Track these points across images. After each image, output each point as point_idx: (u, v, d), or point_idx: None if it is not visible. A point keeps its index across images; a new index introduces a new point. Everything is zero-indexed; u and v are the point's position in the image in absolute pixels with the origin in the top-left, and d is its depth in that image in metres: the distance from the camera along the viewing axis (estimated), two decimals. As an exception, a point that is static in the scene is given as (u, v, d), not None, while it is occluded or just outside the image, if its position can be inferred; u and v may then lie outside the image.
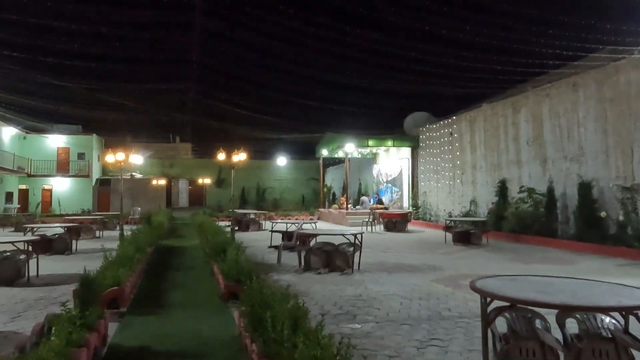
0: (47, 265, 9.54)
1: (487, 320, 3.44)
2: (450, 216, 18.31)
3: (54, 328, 4.01)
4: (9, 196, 30.76)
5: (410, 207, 22.23)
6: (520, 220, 13.91)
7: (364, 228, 18.21)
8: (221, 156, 12.55)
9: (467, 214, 17.35)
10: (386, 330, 5.02)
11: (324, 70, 20.07)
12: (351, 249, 8.93)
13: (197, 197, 39.44)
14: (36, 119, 29.67)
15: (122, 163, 11.59)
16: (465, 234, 13.46)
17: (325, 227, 18.60)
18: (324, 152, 25.76)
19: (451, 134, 19.41)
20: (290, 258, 10.17)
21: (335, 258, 8.76)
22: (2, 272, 7.58)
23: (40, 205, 32.37)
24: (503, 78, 16.13)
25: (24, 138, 33.60)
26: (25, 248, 7.95)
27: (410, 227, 18.97)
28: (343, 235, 8.95)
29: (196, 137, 40.37)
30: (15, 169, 30.31)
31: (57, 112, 27.84)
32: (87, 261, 10.04)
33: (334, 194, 35.11)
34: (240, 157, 12.52)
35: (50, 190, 33.77)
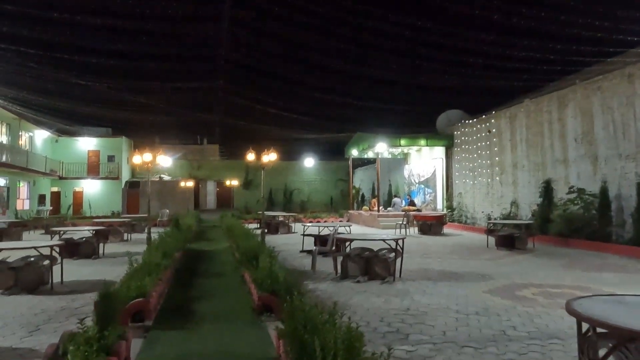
0: (73, 270, 9.18)
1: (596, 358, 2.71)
2: (490, 218, 17.37)
3: (69, 351, 3.49)
4: (41, 198, 31.17)
5: (445, 209, 21.32)
6: (569, 223, 12.93)
7: (397, 231, 17.49)
8: (251, 156, 12.02)
9: (507, 216, 16.38)
10: (447, 354, 4.33)
11: (356, 63, 19.13)
12: (392, 255, 8.24)
13: (224, 198, 39.26)
14: (67, 121, 29.96)
15: (150, 164, 11.20)
16: (510, 237, 12.57)
17: (357, 230, 17.88)
18: (354, 153, 25.06)
19: (489, 131, 18.45)
20: (325, 264, 9.54)
21: (374, 265, 8.08)
22: (24, 279, 7.20)
23: (71, 207, 32.72)
24: (548, 69, 15.04)
25: (56, 141, 34.07)
26: (50, 253, 7.55)
27: (445, 229, 18.09)
28: (384, 240, 8.25)
29: (223, 138, 40.23)
30: (47, 171, 30.70)
31: (87, 115, 28.00)
32: (113, 266, 9.69)
33: (362, 196, 34.37)
34: (270, 157, 11.98)
35: (81, 193, 34.14)
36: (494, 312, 5.78)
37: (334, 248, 8.84)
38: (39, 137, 31.71)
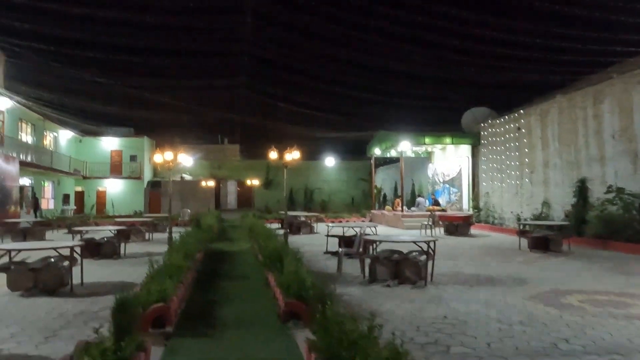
0: (94, 271, 8.99)
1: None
2: (519, 219, 16.73)
3: (83, 363, 3.20)
4: (65, 198, 31.54)
5: (471, 209, 20.69)
6: (608, 224, 12.27)
7: (422, 231, 16.99)
8: (273, 155, 11.71)
9: (539, 217, 15.72)
10: (496, 371, 3.90)
11: (379, 55, 18.43)
12: (423, 257, 7.80)
13: (245, 198, 39.18)
14: (91, 121, 30.24)
15: (171, 163, 10.99)
16: (544, 239, 11.97)
17: (382, 230, 17.42)
18: (376, 151, 24.58)
19: (518, 129, 17.78)
20: (350, 265, 9.16)
21: (405, 268, 7.66)
22: (44, 280, 7.01)
23: (94, 207, 33.05)
24: (584, 60, 14.25)
25: (80, 141, 34.48)
26: (70, 254, 7.35)
27: (472, 230, 17.50)
28: (415, 242, 7.82)
29: (244, 137, 40.17)
30: (71, 171, 31.05)
31: (110, 114, 28.19)
32: (134, 267, 9.48)
33: (384, 195, 33.81)
34: (293, 155, 11.65)
35: (104, 192, 34.48)
36: (539, 322, 5.31)
37: (361, 250, 8.45)
38: (63, 137, 32.11)
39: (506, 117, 18.87)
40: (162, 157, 10.83)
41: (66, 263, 7.28)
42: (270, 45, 18.41)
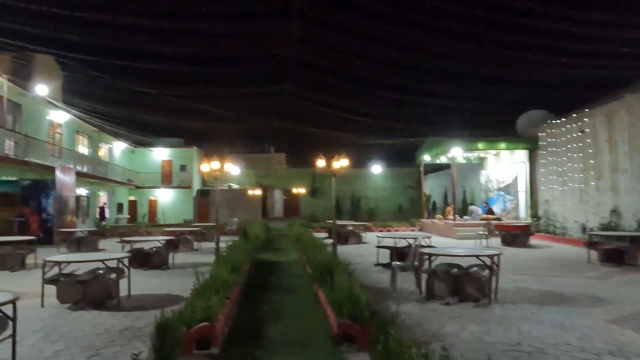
0: (142, 282, 8.91)
1: None
2: (585, 229, 15.52)
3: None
4: (119, 207, 32.58)
5: (529, 218, 19.49)
6: (691, 235, 11.02)
7: (477, 242, 16.09)
8: (321, 162, 11.33)
9: (608, 227, 14.48)
10: (592, 417, 3.29)
11: (427, 55, 17.56)
12: (485, 272, 7.15)
13: (291, 207, 39.16)
14: (143, 132, 31.17)
15: (218, 172, 10.85)
16: (617, 252, 10.91)
17: (435, 241, 16.69)
18: (426, 158, 23.76)
19: (582, 131, 16.56)
20: (404, 279, 8.60)
21: (465, 284, 7.04)
22: (91, 293, 6.91)
23: (146, 216, 33.95)
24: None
25: (133, 152, 35.63)
26: (117, 265, 7.24)
27: (532, 240, 16.41)
28: (477, 256, 7.18)
29: (290, 146, 40.26)
30: (125, 181, 32.06)
31: (160, 125, 28.91)
32: (182, 278, 9.33)
33: (434, 203, 32.78)
34: (341, 163, 11.23)
35: (155, 201, 35.40)
36: (633, 353, 4.59)
37: (416, 263, 7.88)
38: (117, 148, 33.26)
39: (567, 119, 17.66)
40: (209, 166, 10.70)
41: (113, 275, 7.16)
42: (317, 48, 17.97)
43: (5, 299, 4.18)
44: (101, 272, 7.31)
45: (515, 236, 15.84)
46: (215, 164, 10.60)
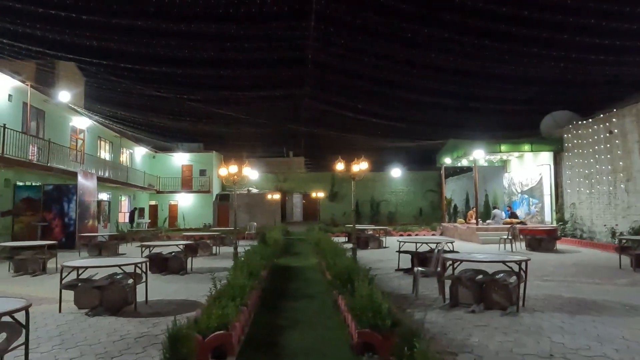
0: (160, 287, 8.84)
1: None
2: (614, 233, 14.97)
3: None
4: (140, 211, 32.88)
5: (555, 222, 18.93)
6: None
7: (501, 246, 15.68)
8: (340, 166, 11.15)
9: (638, 231, 13.91)
10: None
11: (447, 53, 17.05)
12: (512, 279, 6.84)
13: (310, 211, 39.02)
14: (163, 137, 31.47)
15: (236, 176, 10.76)
16: (651, 257, 10.42)
17: (456, 245, 16.35)
18: (447, 161, 23.34)
19: (610, 132, 16.00)
20: (426, 284, 8.34)
21: (492, 291, 6.75)
22: (109, 299, 6.84)
23: (167, 220, 34.21)
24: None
25: (154, 157, 35.99)
26: (134, 271, 7.16)
27: (558, 245, 15.90)
28: (504, 262, 6.88)
29: (309, 149, 40.17)
30: (146, 186, 32.38)
31: (181, 130, 29.09)
32: (200, 283, 9.23)
33: (455, 207, 32.26)
34: (361, 166, 11.02)
35: (175, 206, 35.64)
36: (677, 367, 4.27)
37: (439, 269, 7.61)
38: (138, 153, 33.64)
39: (594, 119, 17.10)
40: (227, 170, 10.61)
41: (131, 281, 7.09)
42: (335, 48, 17.66)
43: (17, 305, 4.10)
44: (119, 277, 7.26)
45: (541, 241, 15.38)
46: (233, 168, 10.50)
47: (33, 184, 18.46)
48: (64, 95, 19.90)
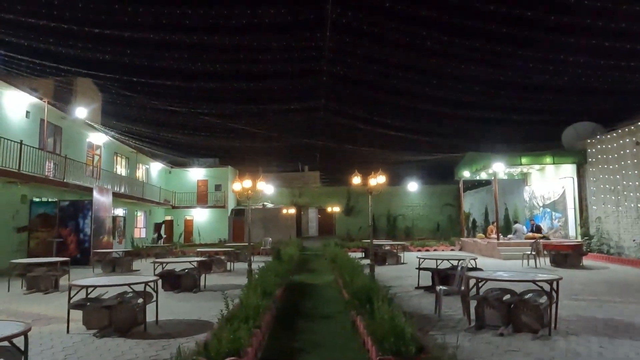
0: (172, 306, 8.57)
1: None
2: (645, 248, 14.32)
3: None
4: (156, 227, 32.88)
5: (580, 236, 18.25)
6: None
7: (524, 262, 15.11)
8: (356, 180, 10.84)
9: (671, 246, 13.26)
10: None
11: (462, 61, 16.49)
12: (543, 299, 6.41)
13: (326, 225, 38.65)
14: (178, 153, 31.54)
15: (249, 191, 10.52)
16: (687, 274, 9.83)
17: (481, 262, 15.88)
18: (465, 174, 22.85)
19: (637, 143, 15.42)
20: (448, 303, 7.93)
21: (520, 312, 6.31)
22: (118, 319, 6.58)
23: (182, 235, 34.13)
24: None
25: (169, 172, 36.11)
26: (144, 289, 6.91)
27: (585, 261, 15.27)
28: (534, 281, 6.44)
29: (324, 164, 39.92)
30: (161, 201, 32.41)
31: (196, 145, 29.09)
32: (212, 302, 8.94)
33: (473, 221, 31.55)
34: (377, 180, 10.70)
35: (191, 221, 35.59)
36: None
37: (463, 288, 7.20)
38: (155, 169, 33.78)
39: (619, 130, 16.53)
40: (241, 185, 10.38)
41: (140, 300, 6.83)
42: (352, 59, 17.29)
43: (16, 330, 3.85)
44: (128, 296, 7.01)
45: (567, 256, 14.78)
46: (246, 183, 10.27)
47: (49, 199, 18.50)
48: (81, 112, 20.04)
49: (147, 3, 12.97)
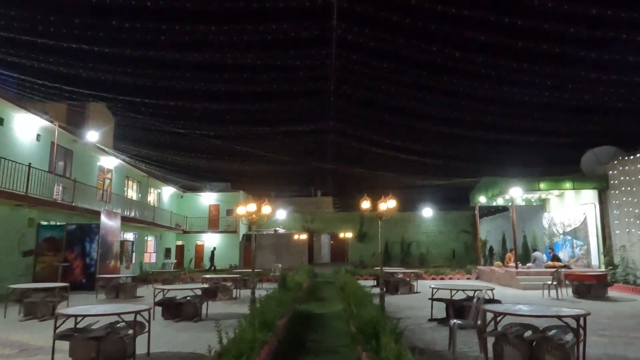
0: (168, 336, 8.10)
1: None
2: (675, 279, 13.44)
3: None
4: (167, 252, 32.59)
5: (603, 266, 17.37)
6: None
7: (545, 292, 14.31)
8: (366, 204, 10.37)
9: None
10: None
11: (477, 79, 15.95)
12: (569, 337, 5.78)
13: (338, 251, 37.96)
14: (190, 177, 31.45)
15: (254, 215, 10.10)
16: None
17: (498, 292, 15.12)
18: (481, 199, 22.17)
19: (662, 168, 14.71)
20: (464, 339, 7.31)
21: (544, 352, 5.69)
22: (106, 351, 6.12)
23: (193, 260, 33.74)
24: None
25: (181, 197, 36.02)
26: (134, 319, 6.46)
27: (610, 292, 14.41)
28: (559, 317, 5.85)
29: (337, 188, 39.52)
30: (173, 226, 32.20)
31: (207, 169, 28.94)
32: (212, 332, 8.38)
33: (490, 249, 30.59)
34: (388, 204, 10.21)
35: (202, 246, 35.24)
36: None
37: (479, 322, 6.61)
38: (166, 193, 33.72)
39: (642, 154, 15.85)
40: (245, 209, 9.99)
41: (130, 331, 6.38)
42: (359, 77, 16.89)
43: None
44: (119, 326, 6.57)
45: (590, 287, 13.95)
46: (251, 207, 9.87)
47: (57, 223, 18.33)
48: (92, 135, 20.06)
49: (160, 20, 12.78)
